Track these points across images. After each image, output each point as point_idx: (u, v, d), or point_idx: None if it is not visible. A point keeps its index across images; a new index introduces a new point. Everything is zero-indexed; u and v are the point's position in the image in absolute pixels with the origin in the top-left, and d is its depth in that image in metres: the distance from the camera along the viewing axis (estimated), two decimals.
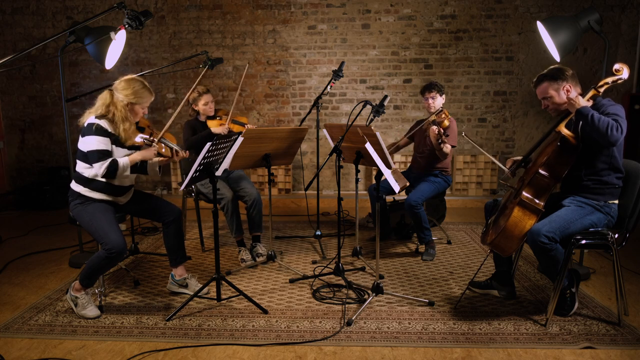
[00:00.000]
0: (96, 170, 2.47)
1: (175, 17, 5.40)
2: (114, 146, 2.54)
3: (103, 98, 2.56)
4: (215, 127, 3.52)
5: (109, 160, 2.47)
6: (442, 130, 3.26)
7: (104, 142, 2.48)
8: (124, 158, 2.51)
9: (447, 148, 3.36)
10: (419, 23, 5.29)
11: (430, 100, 3.56)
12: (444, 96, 3.59)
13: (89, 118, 2.53)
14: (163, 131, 2.67)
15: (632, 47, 5.12)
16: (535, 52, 5.21)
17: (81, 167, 2.57)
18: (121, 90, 2.55)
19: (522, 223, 2.34)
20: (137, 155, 2.55)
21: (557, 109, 2.50)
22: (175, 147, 2.68)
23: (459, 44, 5.30)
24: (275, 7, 5.33)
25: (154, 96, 2.69)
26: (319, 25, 5.34)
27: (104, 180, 2.55)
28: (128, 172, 2.53)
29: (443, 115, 3.45)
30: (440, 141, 3.26)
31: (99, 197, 2.59)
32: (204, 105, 3.54)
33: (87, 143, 2.47)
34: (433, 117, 3.51)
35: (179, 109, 2.87)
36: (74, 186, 2.60)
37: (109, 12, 2.47)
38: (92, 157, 2.47)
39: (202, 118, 3.62)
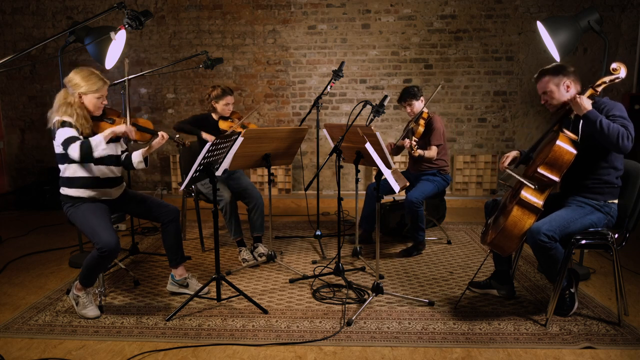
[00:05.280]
0: (72, 155, 2.39)
1: (175, 17, 5.40)
2: None
3: (58, 97, 2.54)
4: (225, 127, 3.60)
5: (78, 141, 2.40)
6: (412, 143, 3.34)
7: (71, 131, 2.45)
8: (95, 136, 2.43)
9: (430, 152, 3.49)
10: (419, 23, 5.28)
11: (408, 108, 3.65)
12: (422, 99, 3.63)
13: (55, 118, 2.50)
14: (128, 115, 2.63)
15: (632, 47, 5.12)
16: (535, 52, 5.21)
17: (61, 170, 2.58)
18: (68, 82, 2.52)
19: (521, 222, 2.34)
20: (108, 131, 2.46)
21: (556, 105, 2.50)
22: (152, 131, 2.72)
23: (459, 44, 5.30)
24: (275, 7, 5.33)
25: (108, 83, 2.61)
26: (319, 25, 5.34)
27: (84, 174, 2.54)
28: (103, 147, 2.40)
29: (420, 121, 3.53)
30: (413, 153, 3.36)
31: (87, 194, 2.58)
32: (225, 105, 3.58)
33: (58, 139, 2.45)
34: (412, 125, 3.59)
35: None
36: (62, 190, 2.61)
37: (109, 12, 2.47)
38: (65, 146, 2.41)
39: (215, 116, 3.66)
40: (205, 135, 3.53)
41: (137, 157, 2.70)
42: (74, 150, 2.38)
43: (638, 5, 5.05)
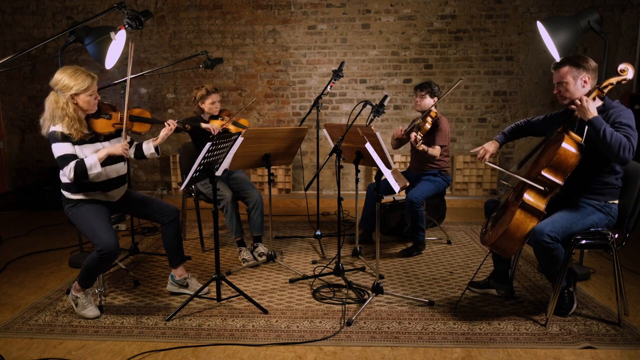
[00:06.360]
0: (66, 176, 2.43)
1: (175, 17, 5.39)
2: (83, 146, 2.51)
3: (49, 102, 2.47)
4: (217, 126, 3.57)
5: (74, 162, 2.40)
6: (418, 137, 3.33)
7: (66, 147, 2.44)
8: (91, 156, 2.43)
9: (433, 150, 3.48)
10: (419, 23, 5.28)
11: (419, 99, 3.65)
12: (435, 98, 3.62)
13: (50, 127, 2.47)
14: (125, 111, 2.59)
15: (632, 47, 5.12)
16: (535, 52, 5.21)
17: (60, 175, 2.55)
18: (56, 85, 2.44)
19: (524, 225, 2.34)
20: (103, 152, 2.45)
21: (568, 99, 2.42)
22: (151, 119, 2.75)
23: (459, 44, 5.30)
24: (275, 7, 5.33)
25: (96, 78, 2.52)
26: (319, 25, 5.34)
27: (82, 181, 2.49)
28: (98, 169, 2.42)
29: (428, 118, 3.53)
30: (417, 146, 3.34)
31: (90, 197, 2.58)
32: (211, 104, 3.57)
33: (53, 151, 2.45)
34: (418, 121, 3.59)
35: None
36: (63, 193, 2.61)
37: (109, 12, 2.47)
38: (59, 164, 2.44)
39: (205, 117, 3.65)
40: (204, 125, 3.47)
41: (147, 148, 2.75)
42: (69, 172, 2.40)
43: (638, 5, 5.05)
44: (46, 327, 2.49)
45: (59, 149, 2.44)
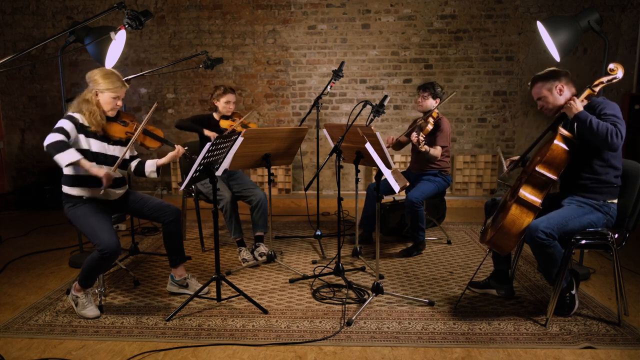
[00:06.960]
0: (47, 139, 2.38)
1: (175, 17, 5.40)
2: (90, 139, 2.54)
3: (82, 94, 2.58)
4: (226, 127, 3.60)
5: (62, 137, 2.39)
6: (420, 138, 3.33)
7: (69, 126, 2.45)
8: (78, 153, 2.39)
9: (435, 151, 3.48)
10: (419, 23, 5.28)
11: (420, 99, 3.66)
12: (437, 100, 3.62)
13: (70, 112, 2.55)
14: (144, 122, 2.61)
15: (632, 47, 5.12)
16: (535, 52, 5.21)
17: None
18: (88, 78, 2.56)
19: (519, 220, 2.35)
20: (89, 165, 2.42)
21: (552, 109, 2.52)
22: (163, 139, 2.77)
23: (459, 44, 5.30)
24: (275, 7, 5.33)
25: (127, 87, 2.62)
26: (319, 25, 5.34)
27: (71, 171, 2.51)
28: (67, 161, 2.33)
29: (430, 119, 3.53)
30: (419, 147, 3.34)
31: (88, 194, 2.57)
32: (225, 103, 3.59)
33: (57, 123, 2.46)
34: (420, 122, 3.59)
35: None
36: (63, 189, 2.60)
37: (109, 12, 2.47)
38: (53, 130, 2.42)
39: (217, 116, 3.66)
40: (207, 132, 3.50)
41: (150, 166, 2.75)
42: (51, 138, 2.37)
43: (638, 5, 5.05)
44: (46, 327, 2.49)
45: (63, 122, 2.46)
